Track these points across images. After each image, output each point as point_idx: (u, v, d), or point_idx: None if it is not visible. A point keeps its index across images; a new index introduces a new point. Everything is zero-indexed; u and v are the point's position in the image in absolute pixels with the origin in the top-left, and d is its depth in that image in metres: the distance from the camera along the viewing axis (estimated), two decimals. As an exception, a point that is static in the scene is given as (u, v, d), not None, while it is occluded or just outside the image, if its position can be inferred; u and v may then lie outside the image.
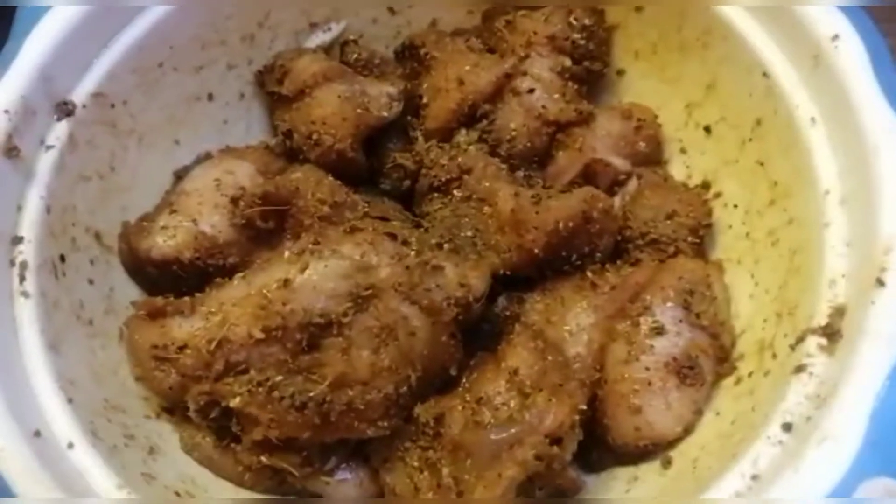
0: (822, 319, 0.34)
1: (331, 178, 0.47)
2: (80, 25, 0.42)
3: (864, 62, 0.37)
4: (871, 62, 0.37)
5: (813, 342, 0.34)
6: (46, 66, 0.41)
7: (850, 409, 0.30)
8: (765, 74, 0.42)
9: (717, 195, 0.47)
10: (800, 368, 0.34)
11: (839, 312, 0.34)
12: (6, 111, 0.39)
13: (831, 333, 0.34)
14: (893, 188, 0.34)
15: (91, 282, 0.42)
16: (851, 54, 0.38)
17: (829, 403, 0.31)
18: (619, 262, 0.46)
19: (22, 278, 0.37)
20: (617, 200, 0.48)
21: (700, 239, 0.45)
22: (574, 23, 0.49)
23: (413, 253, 0.41)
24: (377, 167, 0.50)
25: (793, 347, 0.35)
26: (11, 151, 0.39)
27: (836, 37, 0.38)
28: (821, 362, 0.33)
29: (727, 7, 0.43)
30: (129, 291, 0.45)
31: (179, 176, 0.49)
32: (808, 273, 0.37)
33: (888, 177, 0.34)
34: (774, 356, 0.37)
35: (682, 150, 0.49)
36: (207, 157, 0.50)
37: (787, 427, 0.32)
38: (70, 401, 0.35)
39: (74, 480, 0.33)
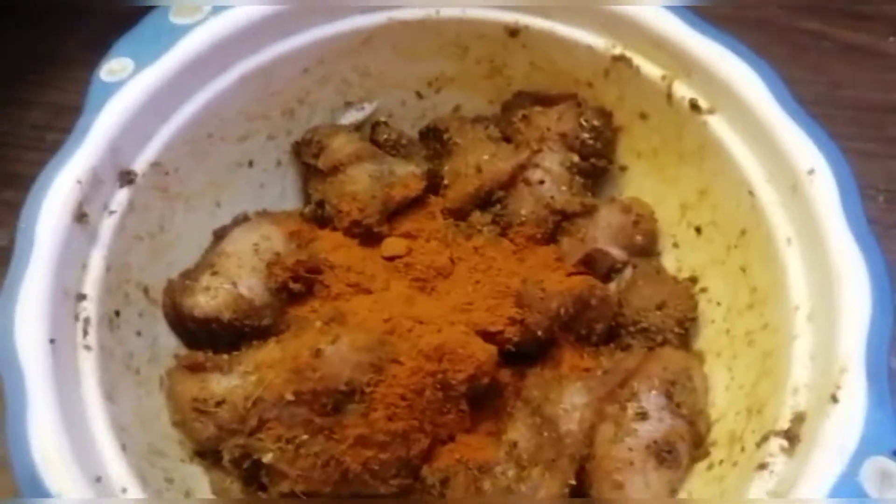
0: (784, 423, 0.39)
1: (357, 249, 0.53)
2: (147, 103, 0.47)
3: (834, 196, 0.43)
4: (840, 196, 0.43)
5: (775, 443, 0.39)
6: (115, 140, 0.46)
7: (801, 508, 0.35)
8: (750, 192, 0.47)
9: (703, 290, 0.52)
10: (762, 466, 0.39)
11: (799, 419, 0.39)
12: (79, 181, 0.44)
13: (791, 437, 0.39)
14: (851, 314, 0.39)
15: (139, 333, 0.47)
16: (824, 188, 0.43)
17: (786, 501, 0.36)
18: (612, 344, 0.51)
19: (85, 332, 0.42)
20: (613, 286, 0.53)
21: (685, 330, 0.50)
22: (584, 123, 0.54)
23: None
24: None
25: (758, 445, 0.40)
26: (82, 217, 0.43)
27: (812, 171, 0.44)
28: (781, 462, 0.38)
29: (719, 127, 0.49)
30: (170, 342, 0.49)
31: (218, 235, 0.54)
32: (776, 377, 0.42)
33: (847, 303, 0.40)
34: (743, 449, 0.42)
35: (675, 245, 0.55)
36: (245, 218, 0.55)
37: (748, 518, 0.37)
38: (123, 447, 0.40)
39: (128, 523, 0.37)
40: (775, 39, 0.75)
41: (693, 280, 0.53)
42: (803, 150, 0.44)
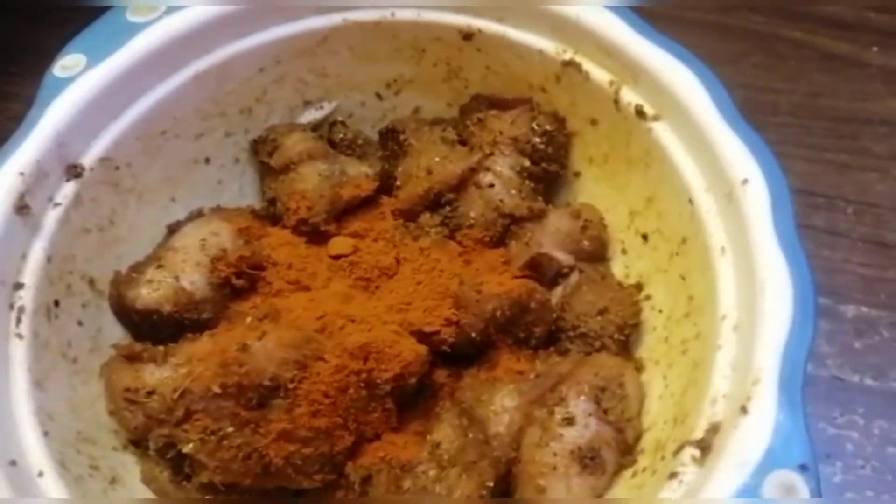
0: (699, 433, 0.39)
1: (303, 247, 0.53)
2: (96, 99, 0.48)
3: (765, 206, 0.42)
4: (772, 207, 0.42)
5: (688, 453, 0.39)
6: (62, 134, 0.47)
7: (700, 518, 0.35)
8: (690, 201, 0.47)
9: (648, 297, 0.51)
10: (673, 475, 0.38)
11: (714, 429, 0.39)
12: (21, 173, 0.45)
13: (704, 447, 0.38)
14: (769, 325, 0.39)
15: (80, 323, 0.48)
16: (756, 198, 0.42)
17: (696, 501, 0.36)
18: (551, 348, 0.51)
19: (18, 321, 0.43)
20: (559, 290, 0.53)
21: (626, 337, 0.50)
22: (536, 128, 0.54)
23: (361, 328, 0.46)
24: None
25: (674, 454, 0.40)
26: (22, 209, 0.45)
27: (745, 181, 0.43)
28: (691, 471, 0.38)
29: (663, 134, 0.48)
30: (115, 332, 0.50)
31: (172, 230, 0.55)
32: (700, 387, 0.42)
33: (767, 313, 0.39)
34: (663, 458, 0.42)
35: (624, 252, 0.54)
36: (199, 214, 0.56)
37: (653, 526, 0.37)
38: (46, 433, 0.41)
39: (39, 507, 0.38)
40: (756, 48, 0.74)
41: (639, 287, 0.52)
42: (739, 159, 0.44)
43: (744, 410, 0.37)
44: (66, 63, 0.49)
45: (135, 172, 0.52)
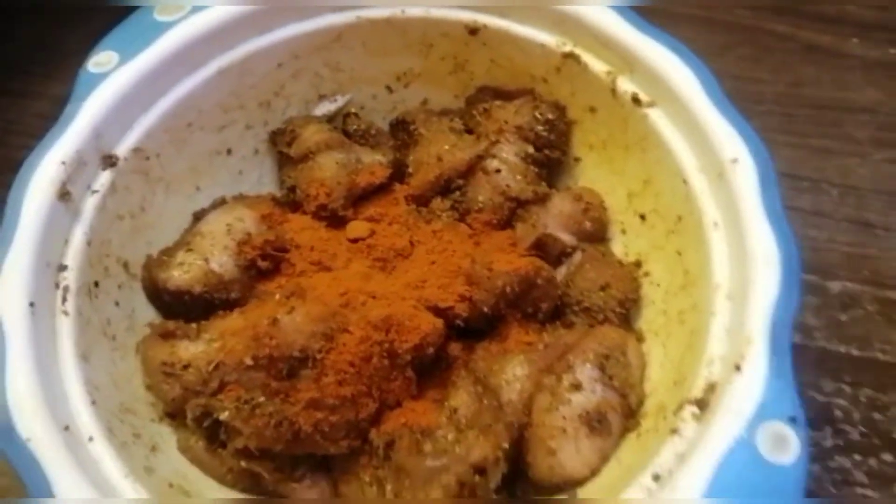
0: (698, 393, 0.42)
1: (323, 231, 0.57)
2: (129, 93, 0.51)
3: (753, 183, 0.46)
4: (759, 184, 0.46)
5: (688, 410, 0.42)
6: (98, 126, 0.50)
7: (699, 466, 0.39)
8: (684, 181, 0.50)
9: (647, 274, 0.55)
10: (674, 431, 0.42)
11: (711, 388, 0.42)
12: (63, 162, 0.48)
13: (702, 405, 0.42)
14: (759, 292, 0.42)
15: (117, 303, 0.51)
16: (745, 176, 0.46)
17: (687, 460, 0.39)
18: (557, 322, 0.54)
19: (64, 299, 0.46)
20: (563, 269, 0.56)
21: (626, 310, 0.54)
22: (539, 116, 0.58)
23: (382, 304, 0.50)
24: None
25: (675, 413, 0.43)
26: (64, 196, 0.48)
27: (735, 160, 0.47)
28: (691, 427, 0.41)
29: (658, 119, 0.52)
30: (148, 313, 0.54)
31: (197, 217, 0.58)
32: (697, 352, 0.45)
33: (757, 282, 0.43)
34: (665, 418, 0.45)
35: (623, 232, 0.58)
36: (222, 202, 0.59)
37: (656, 477, 0.40)
38: (93, 402, 0.44)
39: (92, 468, 0.41)
40: (742, 40, 0.78)
41: (638, 264, 0.56)
42: (728, 140, 0.48)
43: (737, 369, 0.41)
44: (100, 60, 0.52)
45: (163, 162, 0.55)
